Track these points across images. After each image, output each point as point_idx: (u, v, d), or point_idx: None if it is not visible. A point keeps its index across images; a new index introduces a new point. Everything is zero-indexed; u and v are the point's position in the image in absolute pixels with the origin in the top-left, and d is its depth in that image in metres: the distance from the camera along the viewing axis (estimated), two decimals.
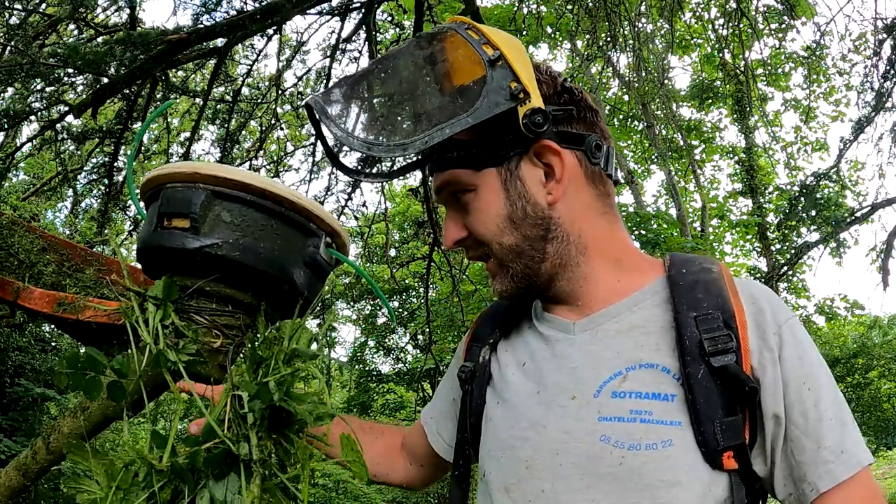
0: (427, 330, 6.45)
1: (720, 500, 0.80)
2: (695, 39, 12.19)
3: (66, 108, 4.79)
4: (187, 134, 7.19)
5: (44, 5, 5.11)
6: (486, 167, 0.90)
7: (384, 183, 6.22)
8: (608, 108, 12.55)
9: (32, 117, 4.98)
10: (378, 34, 6.44)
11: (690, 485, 0.78)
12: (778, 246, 12.20)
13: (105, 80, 3.67)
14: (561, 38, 11.25)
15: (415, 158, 1.03)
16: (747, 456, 0.81)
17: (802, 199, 9.51)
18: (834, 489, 0.79)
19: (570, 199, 0.92)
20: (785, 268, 10.81)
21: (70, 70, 3.65)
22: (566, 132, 0.91)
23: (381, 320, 13.49)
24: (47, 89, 4.58)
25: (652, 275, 0.94)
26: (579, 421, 0.85)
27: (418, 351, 13.34)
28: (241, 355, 0.74)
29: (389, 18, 6.75)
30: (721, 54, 9.14)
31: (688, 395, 0.81)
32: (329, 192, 5.86)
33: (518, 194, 0.90)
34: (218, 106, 5.98)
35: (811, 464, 0.80)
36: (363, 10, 4.80)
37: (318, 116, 0.84)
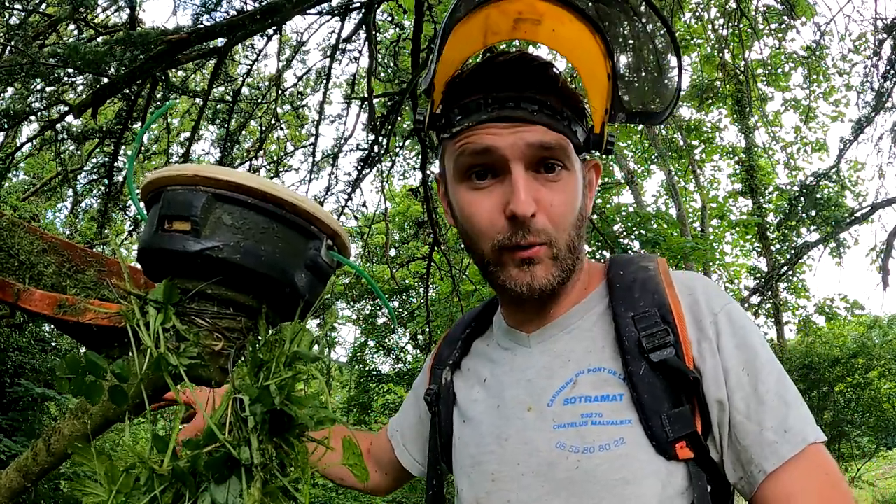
0: (427, 330, 6.45)
1: (680, 490, 0.81)
2: (695, 39, 12.19)
3: (66, 108, 4.78)
4: (187, 134, 7.19)
5: (44, 5, 5.11)
6: (580, 153, 0.91)
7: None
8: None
9: (32, 117, 4.98)
10: (378, 34, 6.44)
11: (646, 480, 0.80)
12: (778, 246, 12.20)
13: (105, 80, 3.66)
14: None
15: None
16: (702, 444, 0.82)
17: (802, 199, 9.51)
18: (781, 468, 0.78)
19: None
20: (785, 268, 10.81)
21: (70, 70, 3.65)
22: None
23: (381, 320, 13.49)
24: (47, 89, 4.57)
25: (597, 280, 0.97)
26: (537, 431, 0.87)
27: (418, 351, 13.34)
28: (243, 358, 0.73)
29: (389, 18, 6.75)
30: (721, 54, 9.14)
31: (633, 393, 0.82)
32: (329, 193, 5.86)
33: (585, 195, 0.93)
34: (218, 106, 5.98)
35: (756, 446, 0.80)
36: (363, 10, 4.80)
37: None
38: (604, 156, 0.95)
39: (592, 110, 0.94)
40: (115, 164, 5.22)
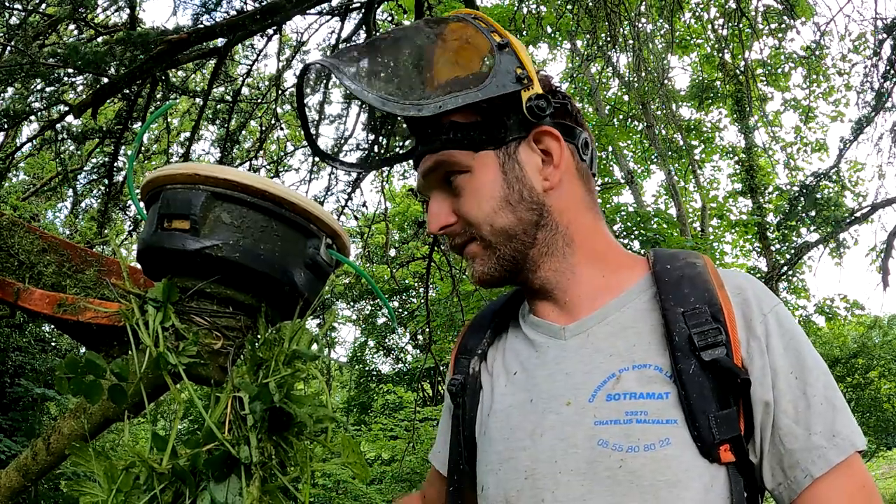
0: (427, 330, 6.45)
1: (721, 495, 0.79)
2: (694, 39, 12.19)
3: (66, 108, 4.78)
4: (187, 134, 7.19)
5: (44, 5, 5.11)
6: (483, 149, 0.90)
7: (359, 173, 6.18)
8: (608, 108, 12.56)
9: (32, 117, 4.98)
10: (378, 34, 6.43)
11: (691, 482, 0.78)
12: (778, 246, 12.20)
13: (105, 80, 3.66)
14: (561, 38, 11.25)
15: (388, 155, 1.05)
16: (744, 448, 0.80)
17: (802, 199, 9.51)
18: (826, 474, 0.78)
19: (562, 190, 0.93)
20: (785, 268, 10.81)
21: (70, 70, 3.65)
22: (561, 124, 0.94)
23: (381, 320, 13.49)
24: (47, 89, 4.57)
25: (638, 272, 0.94)
26: (576, 427, 0.84)
27: (418, 351, 13.35)
28: (242, 357, 0.73)
29: (389, 18, 6.75)
30: (721, 54, 9.14)
31: (681, 392, 0.80)
32: (329, 192, 5.86)
33: (515, 177, 0.90)
34: (218, 106, 5.98)
35: (803, 450, 0.79)
36: (363, 10, 4.80)
37: (330, 71, 0.86)
38: (538, 119, 0.91)
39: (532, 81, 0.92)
40: (115, 164, 5.22)
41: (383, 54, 0.89)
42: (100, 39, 5.09)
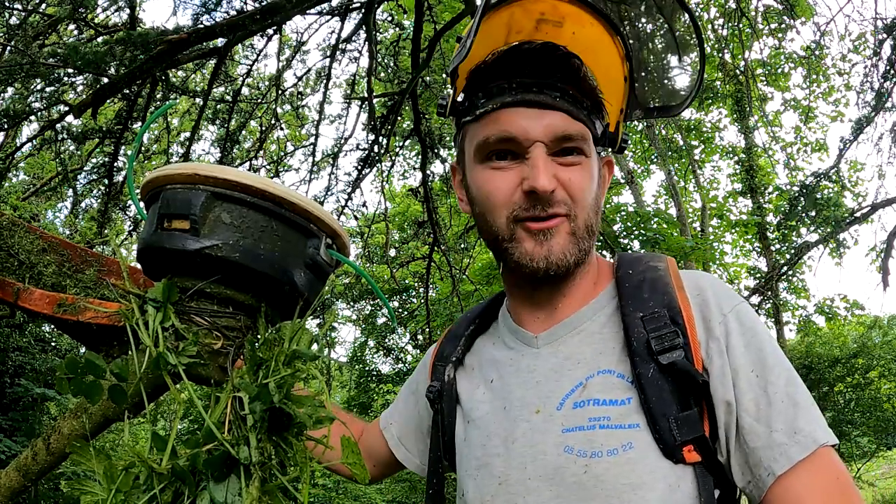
0: (427, 330, 6.45)
1: (689, 495, 0.80)
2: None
3: (66, 108, 4.78)
4: (187, 134, 7.18)
5: (44, 5, 5.11)
6: (597, 146, 0.94)
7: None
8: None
9: (32, 117, 4.98)
10: (378, 34, 6.44)
11: (654, 484, 0.79)
12: (778, 246, 12.18)
13: (105, 80, 3.66)
14: None
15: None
16: (710, 447, 0.81)
17: (802, 199, 9.50)
18: (791, 471, 0.77)
19: None
20: (785, 268, 10.80)
21: (70, 70, 3.65)
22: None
23: (381, 320, 13.48)
24: (47, 89, 4.57)
25: (607, 278, 0.97)
26: (545, 434, 0.86)
27: (418, 351, 13.34)
28: (242, 357, 0.73)
29: (389, 18, 6.76)
30: (721, 54, 9.14)
31: (641, 396, 0.82)
32: (329, 193, 5.86)
33: (600, 187, 0.95)
34: (218, 106, 5.98)
35: (765, 448, 0.79)
36: (363, 10, 4.80)
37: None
38: (617, 154, 0.98)
39: (608, 109, 0.97)
40: (115, 164, 5.22)
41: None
42: (100, 39, 5.09)
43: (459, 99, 0.94)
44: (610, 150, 0.98)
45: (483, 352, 1.03)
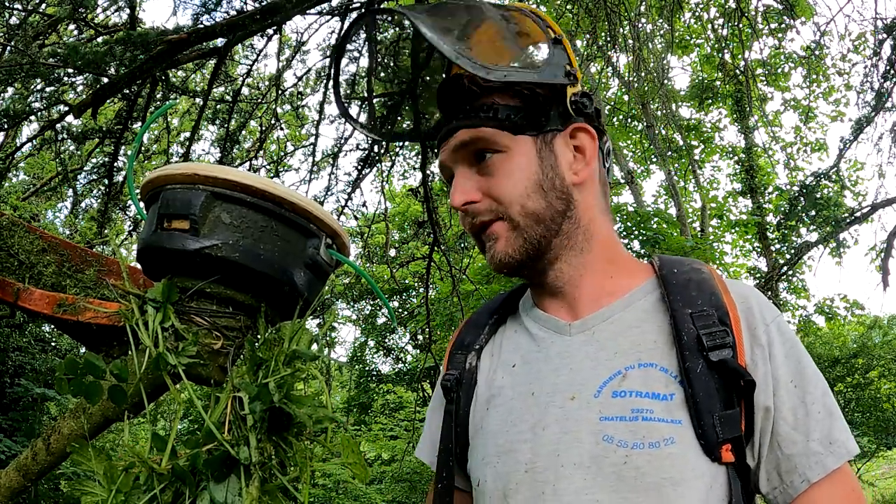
0: (427, 330, 6.45)
1: (722, 495, 0.81)
2: (694, 39, 12.18)
3: (66, 108, 4.78)
4: (187, 134, 7.19)
5: (44, 5, 5.11)
6: (523, 133, 0.92)
7: (399, 143, 6.18)
8: (608, 107, 12.55)
9: (32, 117, 4.98)
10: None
11: (694, 482, 0.79)
12: (778, 246, 12.18)
13: (105, 80, 3.66)
14: None
15: (415, 135, 1.04)
16: (743, 449, 0.82)
17: (802, 199, 9.50)
18: (823, 480, 0.80)
19: (588, 188, 0.95)
20: (785, 268, 10.79)
21: (70, 70, 3.65)
22: (595, 126, 0.97)
23: (381, 320, 13.49)
24: (47, 89, 4.57)
25: (642, 276, 0.96)
26: (580, 421, 0.84)
27: (418, 351, 13.34)
28: (242, 357, 0.73)
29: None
30: (721, 54, 9.13)
31: (687, 391, 0.82)
32: (329, 192, 5.86)
33: (550, 165, 0.93)
34: (218, 106, 5.98)
35: (802, 456, 0.81)
36: (363, 11, 4.80)
37: (410, 17, 0.88)
38: (581, 117, 0.95)
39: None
40: (115, 164, 5.22)
41: (453, 16, 0.92)
42: (100, 39, 5.09)
43: None
44: (578, 116, 0.95)
45: (505, 339, 1.01)
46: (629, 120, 12.43)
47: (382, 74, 1.26)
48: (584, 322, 0.93)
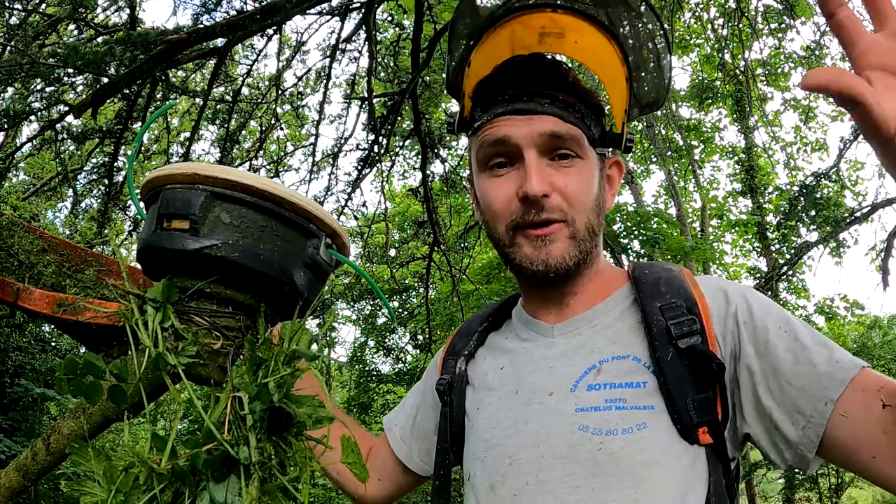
0: (427, 330, 6.45)
1: (700, 476, 0.83)
2: (694, 39, 12.18)
3: (66, 108, 4.79)
4: (187, 134, 7.19)
5: (44, 5, 5.11)
6: (595, 148, 0.96)
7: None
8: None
9: (32, 117, 4.98)
10: (378, 34, 6.44)
11: (668, 463, 0.82)
12: (778, 246, 12.18)
13: (105, 80, 3.66)
14: None
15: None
16: (721, 432, 0.84)
17: (802, 199, 9.50)
18: (844, 392, 0.80)
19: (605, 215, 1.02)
20: (785, 268, 10.79)
21: (70, 70, 3.65)
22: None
23: (381, 320, 13.48)
24: (47, 89, 4.58)
25: (620, 281, 1.02)
26: (558, 414, 0.89)
27: (418, 351, 13.34)
28: (241, 356, 0.73)
29: (389, 18, 6.76)
30: (721, 54, 9.13)
31: (660, 379, 0.85)
32: (329, 193, 5.87)
33: (601, 187, 0.98)
34: (218, 106, 5.99)
35: (814, 381, 0.81)
36: (363, 10, 4.80)
37: None
38: (624, 153, 1.01)
39: (614, 112, 1.02)
40: (115, 164, 5.22)
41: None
42: (100, 39, 5.09)
43: (467, 116, 1.01)
44: (616, 150, 1.01)
45: (495, 345, 1.07)
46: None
47: None
48: (567, 324, 0.98)
